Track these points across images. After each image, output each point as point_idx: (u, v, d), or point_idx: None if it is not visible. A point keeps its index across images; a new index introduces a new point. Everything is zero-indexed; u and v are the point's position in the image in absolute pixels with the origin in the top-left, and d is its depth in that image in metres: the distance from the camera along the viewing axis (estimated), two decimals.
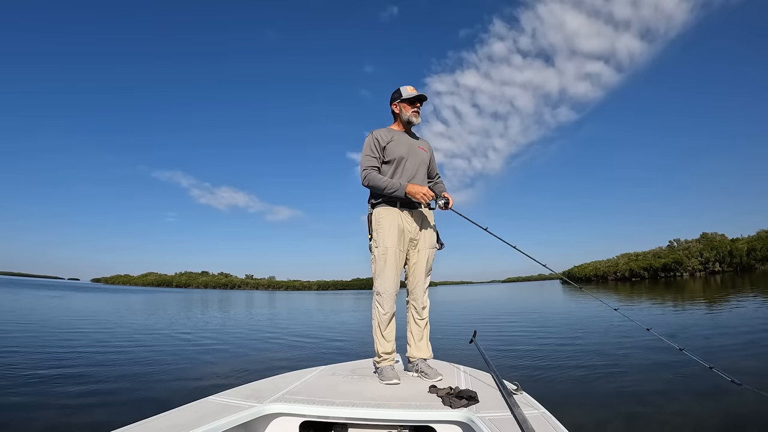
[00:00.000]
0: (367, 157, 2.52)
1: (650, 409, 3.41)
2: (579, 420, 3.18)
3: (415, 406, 1.78)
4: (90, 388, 4.22)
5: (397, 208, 2.49)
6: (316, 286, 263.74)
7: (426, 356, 2.51)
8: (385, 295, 2.42)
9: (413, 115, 2.60)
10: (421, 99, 2.61)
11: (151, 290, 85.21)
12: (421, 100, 2.61)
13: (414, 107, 2.60)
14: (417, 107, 2.60)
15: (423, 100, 2.63)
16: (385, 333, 2.45)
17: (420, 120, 2.63)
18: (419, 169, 2.59)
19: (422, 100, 2.62)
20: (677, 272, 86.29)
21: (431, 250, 2.59)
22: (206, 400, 1.81)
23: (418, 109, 2.61)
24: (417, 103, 2.60)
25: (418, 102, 2.61)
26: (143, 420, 1.53)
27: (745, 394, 1.52)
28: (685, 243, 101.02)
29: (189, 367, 5.50)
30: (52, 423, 3.20)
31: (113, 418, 3.18)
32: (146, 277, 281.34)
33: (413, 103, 2.59)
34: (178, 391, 4.18)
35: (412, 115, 2.60)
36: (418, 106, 2.61)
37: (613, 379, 4.37)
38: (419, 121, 2.63)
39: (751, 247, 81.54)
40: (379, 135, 2.56)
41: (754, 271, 68.58)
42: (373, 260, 2.49)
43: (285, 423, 1.82)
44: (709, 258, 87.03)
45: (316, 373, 2.42)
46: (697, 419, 3.14)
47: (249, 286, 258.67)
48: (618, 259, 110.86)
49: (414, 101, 2.59)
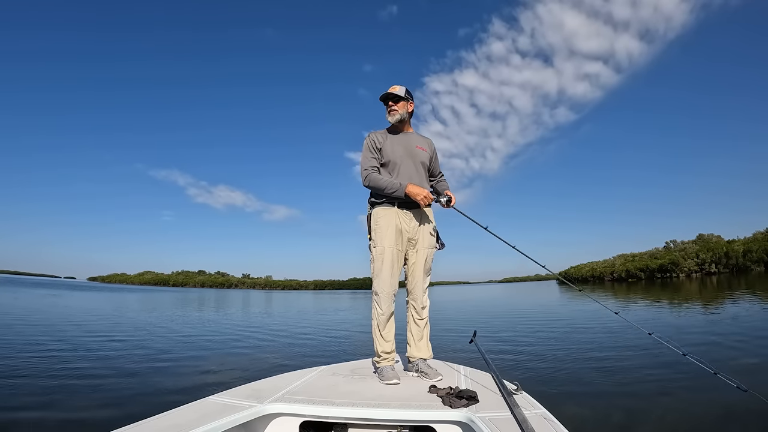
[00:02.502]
0: (367, 158, 2.52)
1: (651, 411, 3.42)
2: (579, 420, 3.19)
3: (415, 406, 1.78)
4: (89, 388, 4.21)
5: (396, 208, 2.48)
6: (313, 285, 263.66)
7: (426, 356, 2.51)
8: (382, 295, 2.42)
9: (388, 114, 2.61)
10: (386, 98, 2.60)
11: (148, 289, 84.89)
12: (386, 99, 2.60)
13: (388, 106, 2.60)
14: (389, 106, 2.60)
15: (388, 99, 2.59)
16: (384, 333, 2.45)
17: (396, 118, 2.59)
18: (417, 169, 2.56)
19: (387, 100, 2.60)
20: (673, 273, 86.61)
21: (430, 250, 2.58)
22: (206, 400, 1.80)
23: (390, 108, 2.59)
24: (389, 102, 2.60)
25: (389, 101, 2.59)
26: (143, 420, 1.53)
27: (751, 400, 1.49)
28: (681, 244, 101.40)
29: (189, 367, 5.48)
30: (51, 423, 3.18)
31: (113, 418, 3.17)
32: (143, 276, 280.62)
33: (386, 104, 2.61)
34: (178, 391, 4.16)
35: (387, 115, 2.61)
36: (390, 104, 2.60)
37: (613, 379, 4.38)
38: (395, 120, 2.59)
39: (747, 248, 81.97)
40: (375, 137, 2.56)
41: (750, 273, 68.91)
42: (372, 260, 2.49)
43: (285, 423, 1.81)
44: (705, 259, 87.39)
45: (316, 373, 2.42)
46: (699, 423, 3.12)
47: (246, 285, 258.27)
48: (614, 259, 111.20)
49: (385, 101, 2.60)
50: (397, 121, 2.60)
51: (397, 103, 2.59)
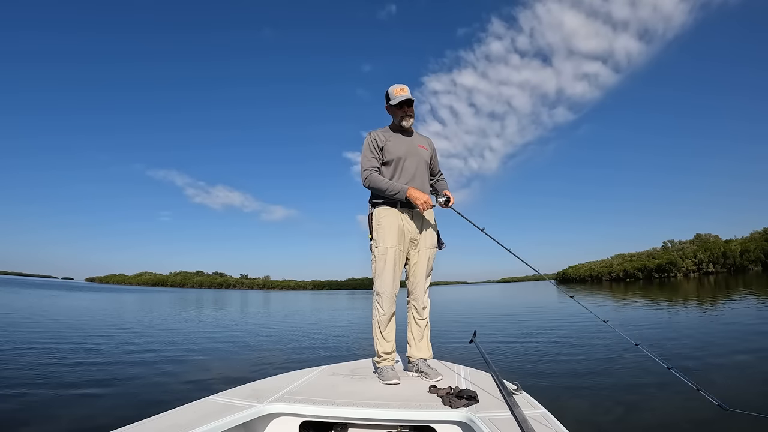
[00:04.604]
0: (367, 158, 2.51)
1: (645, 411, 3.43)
2: (579, 420, 3.19)
3: (415, 406, 1.78)
4: (89, 388, 4.20)
5: (398, 208, 2.48)
6: (311, 286, 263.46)
7: (426, 356, 2.51)
8: (384, 296, 2.42)
9: (403, 120, 2.54)
10: (408, 103, 2.52)
11: (146, 290, 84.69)
12: (407, 104, 2.52)
13: (402, 111, 2.54)
14: (405, 111, 2.54)
15: (410, 104, 2.53)
16: (384, 333, 2.45)
17: (412, 122, 2.57)
18: (419, 168, 2.56)
19: (409, 104, 2.53)
20: (671, 273, 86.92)
21: (432, 250, 2.58)
22: (206, 400, 1.80)
23: (407, 113, 2.53)
24: (405, 107, 2.53)
25: (406, 106, 2.53)
26: (143, 420, 1.53)
27: (732, 419, 1.42)
28: (679, 244, 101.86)
29: (189, 367, 5.48)
30: (51, 423, 3.17)
31: (113, 417, 3.16)
32: (141, 276, 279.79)
33: (401, 108, 2.53)
34: (178, 391, 4.16)
35: (402, 120, 2.55)
36: (406, 109, 2.54)
37: (613, 379, 4.39)
38: (411, 124, 2.57)
39: (745, 248, 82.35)
40: (377, 136, 2.54)
41: (748, 273, 69.18)
42: (373, 260, 2.48)
43: (285, 423, 1.81)
44: (702, 259, 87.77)
45: (316, 373, 2.42)
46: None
47: (244, 285, 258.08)
48: (612, 259, 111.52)
49: (402, 105, 2.51)
50: (411, 125, 2.58)
51: (411, 107, 2.56)
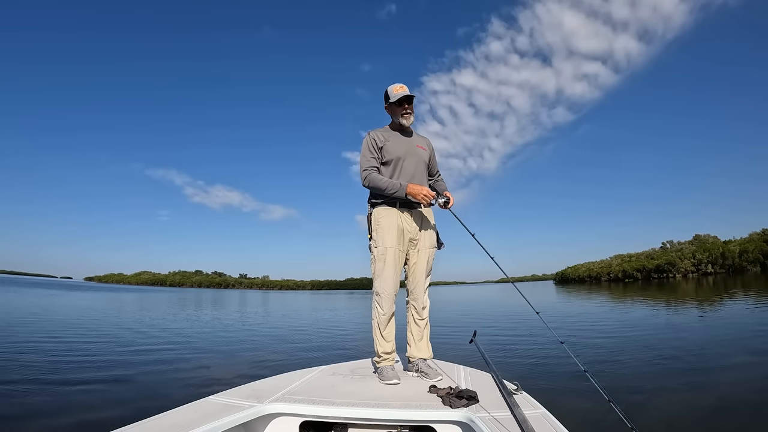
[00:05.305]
0: (366, 158, 2.50)
1: (650, 409, 3.43)
2: (579, 420, 3.19)
3: (415, 406, 1.78)
4: (89, 388, 4.19)
5: (397, 208, 2.48)
6: (310, 285, 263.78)
7: (426, 356, 2.51)
8: (384, 296, 2.42)
9: (403, 118, 2.53)
10: (409, 100, 2.51)
11: (145, 289, 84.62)
12: (408, 101, 2.51)
13: (402, 108, 2.52)
14: (405, 108, 2.52)
15: (410, 101, 2.51)
16: (384, 333, 2.45)
17: (413, 120, 2.56)
18: (418, 167, 2.56)
19: (410, 101, 2.51)
20: (670, 274, 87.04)
21: (431, 250, 2.58)
22: (206, 400, 1.80)
23: (407, 110, 2.51)
24: (405, 104, 2.52)
25: (406, 103, 2.52)
26: (143, 420, 1.53)
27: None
28: (677, 244, 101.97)
29: (189, 367, 5.47)
30: (51, 423, 3.16)
31: (113, 417, 3.16)
32: (140, 276, 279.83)
33: (401, 105, 2.52)
34: (178, 391, 4.15)
35: (402, 118, 2.53)
36: (406, 107, 2.52)
37: (612, 380, 4.39)
38: (411, 122, 2.56)
39: (743, 249, 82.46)
40: (376, 135, 2.53)
41: (746, 273, 69.27)
42: (373, 260, 2.48)
43: (285, 423, 1.81)
44: (701, 260, 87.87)
45: (316, 373, 2.42)
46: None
47: (243, 285, 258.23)
48: (611, 260, 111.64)
49: (402, 102, 2.51)
50: (411, 123, 2.58)
51: (411, 104, 2.55)
